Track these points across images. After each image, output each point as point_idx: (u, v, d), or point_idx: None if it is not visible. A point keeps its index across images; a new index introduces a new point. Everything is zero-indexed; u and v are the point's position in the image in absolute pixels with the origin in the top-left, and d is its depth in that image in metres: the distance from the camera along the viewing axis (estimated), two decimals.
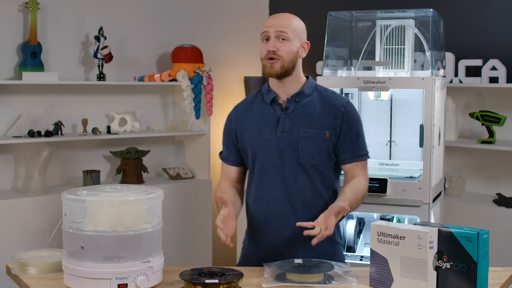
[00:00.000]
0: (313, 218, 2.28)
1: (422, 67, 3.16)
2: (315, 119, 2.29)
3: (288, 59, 2.26)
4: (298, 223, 2.12)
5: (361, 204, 2.92)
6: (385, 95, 3.07)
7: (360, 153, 2.35)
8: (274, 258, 2.20)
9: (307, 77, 2.38)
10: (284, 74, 2.28)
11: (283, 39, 2.25)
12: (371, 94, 3.10)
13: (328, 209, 2.16)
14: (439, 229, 1.89)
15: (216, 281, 1.86)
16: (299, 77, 2.34)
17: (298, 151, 2.27)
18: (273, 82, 2.35)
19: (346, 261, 2.52)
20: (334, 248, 2.38)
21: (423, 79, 2.92)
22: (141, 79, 4.29)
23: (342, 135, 2.31)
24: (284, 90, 2.32)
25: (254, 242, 2.38)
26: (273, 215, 2.30)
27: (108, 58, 4.02)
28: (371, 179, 2.94)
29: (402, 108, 3.21)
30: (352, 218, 3.10)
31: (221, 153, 2.47)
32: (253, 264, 2.29)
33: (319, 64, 4.36)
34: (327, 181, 2.33)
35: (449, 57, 3.91)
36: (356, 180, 2.33)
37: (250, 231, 2.41)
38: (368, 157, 2.39)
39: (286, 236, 2.30)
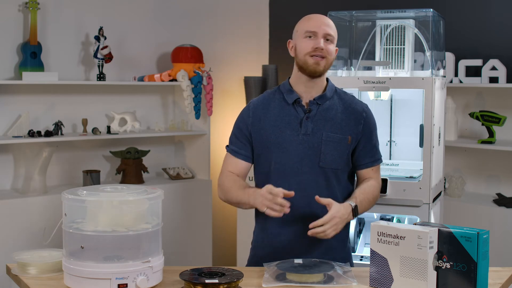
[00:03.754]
0: None
1: (422, 67, 3.16)
2: (337, 123, 2.30)
3: (331, 60, 2.30)
4: (312, 229, 2.15)
5: None
6: (385, 95, 3.07)
7: (377, 157, 2.40)
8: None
9: (326, 80, 2.38)
10: (322, 74, 2.30)
11: (327, 40, 2.28)
12: (371, 94, 3.10)
13: (337, 211, 2.17)
14: (439, 229, 1.90)
15: (216, 281, 1.86)
16: (324, 79, 2.35)
17: (320, 155, 2.27)
18: (299, 82, 2.33)
19: None
20: (347, 253, 2.40)
21: (423, 79, 2.92)
22: (141, 79, 4.29)
23: (363, 140, 2.34)
24: (309, 91, 2.32)
25: (268, 244, 2.34)
26: (291, 218, 2.27)
27: (108, 58, 4.02)
28: None
29: (402, 108, 3.21)
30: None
31: (228, 146, 2.41)
32: (262, 264, 2.28)
33: None
34: (343, 187, 2.34)
35: (449, 57, 3.91)
36: (366, 182, 2.36)
37: (262, 233, 2.37)
38: (382, 160, 2.42)
39: (304, 240, 2.28)
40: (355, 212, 2.24)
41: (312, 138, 2.27)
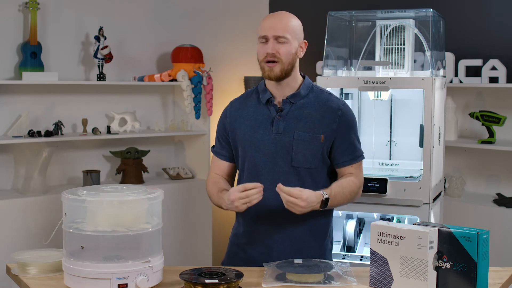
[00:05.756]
0: (302, 221, 2.29)
1: (422, 67, 3.16)
2: (310, 122, 2.28)
3: (288, 61, 2.25)
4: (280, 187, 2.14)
5: (361, 204, 2.94)
6: (385, 95, 3.07)
7: (356, 155, 2.34)
8: (261, 259, 2.20)
9: (303, 77, 2.36)
10: (284, 76, 2.27)
11: (280, 42, 2.25)
12: (371, 94, 3.10)
13: (308, 196, 2.15)
14: (439, 229, 1.89)
15: (216, 281, 1.86)
16: (296, 78, 2.33)
17: (292, 154, 2.26)
18: (270, 82, 2.33)
19: (346, 261, 2.51)
20: (324, 251, 2.38)
21: (423, 79, 2.92)
22: (141, 79, 4.29)
23: (338, 139, 2.30)
24: (281, 91, 2.31)
25: (241, 242, 2.37)
26: (262, 216, 2.29)
27: (108, 58, 4.02)
28: (371, 179, 2.94)
29: (402, 108, 3.21)
30: (352, 218, 3.10)
31: (213, 147, 2.46)
32: (238, 264, 2.29)
33: (319, 64, 4.36)
34: (319, 186, 2.30)
35: (449, 57, 3.91)
36: (345, 177, 2.32)
37: (237, 229, 2.39)
38: (363, 157, 2.38)
39: (274, 238, 2.29)
40: (324, 203, 2.20)
41: (284, 137, 2.27)
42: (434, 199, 3.00)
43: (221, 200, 2.27)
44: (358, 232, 3.10)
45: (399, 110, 3.22)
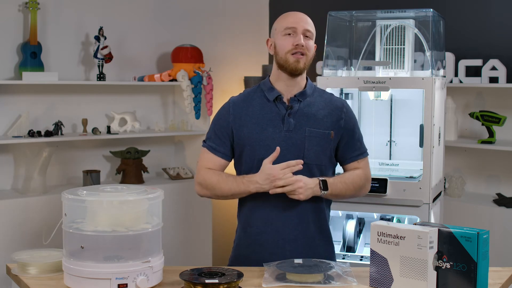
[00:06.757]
0: (312, 220, 2.30)
1: (422, 67, 3.16)
2: (319, 119, 2.30)
3: (310, 56, 2.30)
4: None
5: (361, 204, 2.94)
6: (385, 95, 3.07)
7: (362, 150, 2.40)
8: (271, 258, 2.19)
9: (306, 78, 2.39)
10: (303, 72, 2.30)
11: (306, 36, 2.28)
12: (371, 94, 3.11)
13: (302, 177, 2.19)
14: (439, 229, 1.90)
15: (216, 281, 1.86)
16: (304, 77, 2.36)
17: (304, 151, 2.27)
18: (279, 80, 2.32)
19: (346, 261, 2.52)
20: (331, 250, 2.40)
21: (423, 79, 2.92)
22: (141, 79, 4.29)
23: (345, 135, 2.34)
24: (290, 88, 2.32)
25: (252, 242, 2.35)
26: (273, 215, 2.29)
27: (108, 58, 4.02)
28: (371, 179, 2.94)
29: (402, 108, 3.21)
30: (352, 218, 3.10)
31: (204, 141, 2.38)
32: (246, 263, 2.29)
33: (319, 64, 4.36)
34: None
35: (449, 57, 3.91)
36: (350, 171, 2.36)
37: (245, 232, 2.38)
38: (368, 154, 2.41)
39: (285, 237, 2.29)
40: (323, 186, 2.22)
41: (295, 135, 2.27)
42: (434, 199, 3.00)
43: (244, 182, 2.23)
44: (358, 232, 3.10)
45: (399, 110, 3.22)
